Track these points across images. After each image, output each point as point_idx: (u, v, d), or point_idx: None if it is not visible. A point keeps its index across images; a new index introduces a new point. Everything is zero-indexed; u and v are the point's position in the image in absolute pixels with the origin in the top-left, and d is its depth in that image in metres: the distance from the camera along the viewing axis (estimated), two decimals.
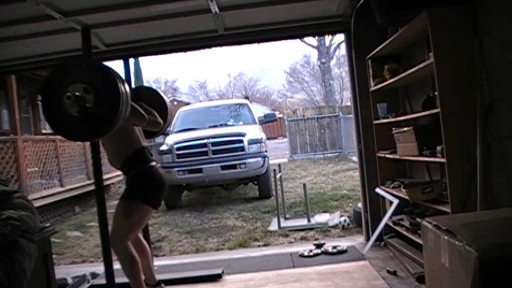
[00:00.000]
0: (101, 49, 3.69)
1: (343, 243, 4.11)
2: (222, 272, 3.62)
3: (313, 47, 21.11)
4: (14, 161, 6.77)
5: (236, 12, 3.35)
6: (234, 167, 7.25)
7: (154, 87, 3.45)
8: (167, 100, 3.51)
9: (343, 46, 6.87)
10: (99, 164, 3.09)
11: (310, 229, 5.05)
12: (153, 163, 3.03)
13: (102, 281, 3.10)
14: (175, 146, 7.42)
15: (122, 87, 2.52)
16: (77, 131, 2.59)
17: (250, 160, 7.29)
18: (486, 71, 2.48)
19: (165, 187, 3.08)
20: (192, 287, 3.40)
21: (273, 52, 49.60)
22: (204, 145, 7.35)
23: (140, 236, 3.25)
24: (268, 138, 11.92)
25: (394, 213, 3.57)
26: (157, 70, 55.25)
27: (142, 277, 2.98)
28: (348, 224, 4.96)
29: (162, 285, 3.23)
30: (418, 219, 3.16)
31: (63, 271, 3.99)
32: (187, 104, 21.86)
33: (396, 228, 3.59)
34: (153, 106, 3.18)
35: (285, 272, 3.56)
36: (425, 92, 3.27)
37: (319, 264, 3.64)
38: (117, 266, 2.90)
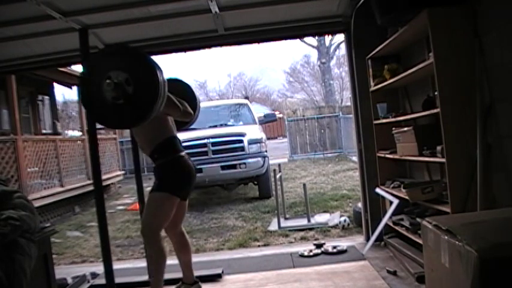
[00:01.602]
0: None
1: (343, 243, 4.11)
2: (222, 272, 3.62)
3: (313, 47, 21.13)
4: (14, 161, 6.77)
5: (236, 12, 3.35)
6: (234, 167, 7.25)
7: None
8: (196, 92, 3.51)
9: (343, 46, 6.87)
10: (99, 164, 3.09)
11: (310, 229, 5.05)
12: (183, 153, 3.02)
13: (102, 281, 3.10)
14: None
15: (161, 76, 2.53)
16: (114, 118, 2.59)
17: (250, 160, 7.29)
18: (486, 71, 2.48)
19: (194, 178, 3.07)
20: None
21: (273, 52, 49.55)
22: (204, 145, 7.35)
23: (184, 230, 3.24)
24: (268, 138, 11.91)
25: (394, 213, 3.57)
26: None
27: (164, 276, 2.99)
28: (348, 224, 4.96)
29: (199, 283, 3.24)
30: (418, 219, 3.16)
31: (63, 271, 3.99)
32: None
33: (396, 228, 3.59)
34: (184, 98, 3.18)
35: (285, 272, 3.56)
36: (425, 92, 3.27)
37: (319, 264, 3.64)
38: (116, 266, 2.90)
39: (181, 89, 3.27)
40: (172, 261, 4.35)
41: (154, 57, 2.64)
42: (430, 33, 2.58)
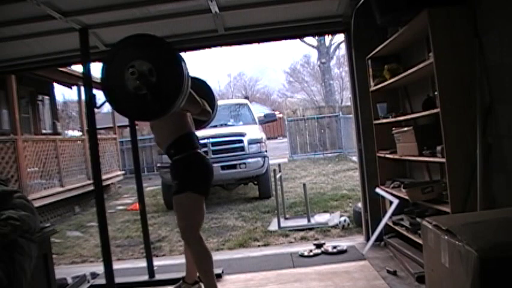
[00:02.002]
0: (100, 49, 3.69)
1: (343, 243, 4.11)
2: (222, 272, 3.62)
3: (313, 47, 21.13)
4: (14, 161, 6.77)
5: (236, 12, 3.35)
6: (234, 167, 7.24)
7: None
8: (213, 91, 3.49)
9: (343, 46, 6.87)
10: (99, 164, 3.09)
11: (310, 229, 5.05)
12: (199, 150, 2.99)
13: (102, 281, 3.10)
14: None
15: (186, 69, 2.51)
16: (136, 109, 2.55)
17: (250, 160, 7.29)
18: (486, 71, 2.48)
19: (212, 174, 3.03)
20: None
21: (273, 52, 49.66)
22: (204, 145, 7.34)
23: None
24: (268, 138, 11.91)
25: (394, 213, 3.57)
26: None
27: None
28: (348, 224, 4.96)
29: (200, 284, 3.22)
30: (418, 219, 3.16)
31: (63, 271, 3.99)
32: None
33: (396, 228, 3.59)
34: (202, 97, 3.13)
35: (285, 272, 3.56)
36: (425, 92, 3.27)
37: (319, 264, 3.64)
38: (116, 266, 2.90)
39: (200, 88, 3.20)
40: (172, 261, 4.38)
41: None
42: (430, 33, 2.58)
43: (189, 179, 2.88)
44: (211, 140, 7.35)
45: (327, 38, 19.84)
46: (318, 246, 4.10)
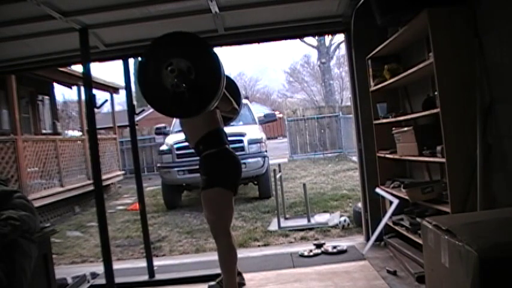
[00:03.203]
0: (100, 49, 3.69)
1: (343, 243, 4.11)
2: None
3: (313, 47, 21.13)
4: (14, 161, 6.77)
5: (236, 12, 3.35)
6: None
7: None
8: (239, 88, 3.50)
9: (343, 46, 6.88)
10: (99, 164, 3.09)
11: (310, 229, 5.05)
12: (228, 146, 3.00)
13: (102, 281, 3.10)
14: (175, 145, 7.41)
15: (223, 67, 2.51)
16: (174, 106, 2.56)
17: (250, 160, 7.28)
18: (486, 71, 2.47)
19: (241, 170, 3.04)
20: (192, 287, 3.40)
21: (273, 52, 49.66)
22: None
23: None
24: (268, 138, 11.91)
25: (394, 213, 3.57)
26: None
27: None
28: (348, 224, 4.96)
29: (243, 275, 3.24)
30: (418, 219, 3.16)
31: (63, 271, 3.99)
32: None
33: (396, 228, 3.59)
34: (230, 94, 3.13)
35: (285, 272, 3.56)
36: (425, 92, 3.27)
37: (319, 264, 3.64)
38: (116, 266, 2.90)
39: (229, 85, 3.15)
40: (172, 261, 4.38)
41: None
42: (430, 33, 2.58)
43: (218, 174, 2.88)
44: None
45: (327, 38, 19.86)
46: (318, 246, 4.10)
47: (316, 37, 18.61)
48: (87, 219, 7.40)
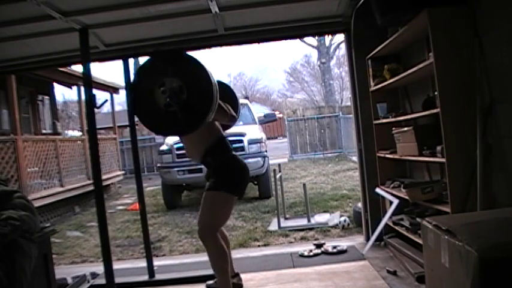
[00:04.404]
0: (100, 49, 3.69)
1: (343, 243, 4.11)
2: None
3: (313, 47, 21.15)
4: (14, 161, 6.77)
5: (236, 12, 3.35)
6: None
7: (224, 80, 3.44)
8: (236, 94, 3.48)
9: (343, 46, 6.88)
10: (99, 164, 3.09)
11: (310, 229, 5.05)
12: (233, 152, 3.01)
13: (102, 281, 3.10)
14: (175, 145, 7.41)
15: (215, 85, 2.52)
16: (166, 125, 2.59)
17: (250, 160, 7.26)
18: (486, 71, 2.48)
19: (248, 175, 3.04)
20: (192, 287, 3.40)
21: (273, 52, 49.67)
22: None
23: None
24: (268, 138, 11.92)
25: (394, 213, 3.57)
26: None
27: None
28: (348, 224, 4.96)
29: (240, 276, 3.25)
30: (418, 219, 3.16)
31: (63, 271, 3.99)
32: None
33: (396, 228, 3.59)
34: (225, 99, 3.11)
35: (285, 272, 3.56)
36: (425, 92, 3.27)
37: (319, 264, 3.64)
38: (116, 266, 2.90)
39: (223, 91, 3.13)
40: (172, 261, 4.38)
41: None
42: (430, 33, 2.58)
43: (225, 180, 2.89)
44: None
45: (327, 38, 19.88)
46: (318, 246, 4.10)
47: (316, 37, 18.63)
48: (87, 219, 7.40)
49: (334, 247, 3.97)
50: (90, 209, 8.26)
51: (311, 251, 3.98)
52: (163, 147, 7.71)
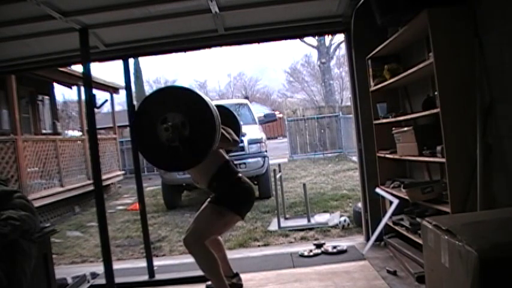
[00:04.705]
0: (100, 49, 3.69)
1: (343, 243, 4.11)
2: None
3: (313, 47, 21.14)
4: (14, 161, 6.77)
5: (236, 12, 3.35)
6: None
7: (224, 104, 3.45)
8: (237, 116, 3.48)
9: (343, 46, 6.88)
10: (99, 164, 3.09)
11: (310, 229, 5.05)
12: (240, 174, 3.01)
13: (102, 281, 3.10)
14: None
15: (217, 119, 2.54)
16: (169, 161, 2.59)
17: (250, 160, 7.29)
18: (486, 71, 2.48)
19: (254, 196, 3.07)
20: (192, 287, 3.40)
21: (273, 52, 49.66)
22: None
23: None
24: (268, 138, 11.92)
25: (394, 213, 3.57)
26: (157, 70, 55.33)
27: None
28: (348, 224, 4.96)
29: (240, 276, 3.24)
30: (418, 219, 3.16)
31: (63, 271, 3.99)
32: None
33: (396, 228, 3.59)
34: (226, 123, 3.09)
35: (285, 272, 3.56)
36: (425, 92, 3.27)
37: (319, 264, 3.64)
38: (116, 266, 2.89)
39: (223, 115, 3.06)
40: (172, 261, 4.38)
41: (154, 57, 2.65)
42: (430, 33, 2.58)
43: (230, 199, 2.89)
44: None
45: (327, 38, 19.87)
46: (318, 246, 4.10)
47: (316, 37, 18.62)
48: (87, 219, 7.40)
49: (334, 247, 3.97)
50: (90, 209, 8.26)
51: (311, 251, 3.99)
52: None
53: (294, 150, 15.14)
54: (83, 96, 5.63)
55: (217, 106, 2.91)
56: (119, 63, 3.72)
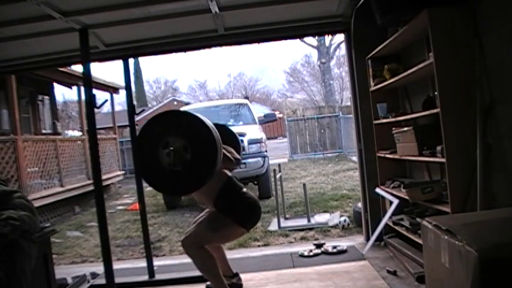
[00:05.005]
0: (100, 49, 3.69)
1: (343, 243, 4.11)
2: None
3: (313, 47, 21.14)
4: (14, 161, 6.77)
5: (236, 12, 3.35)
6: None
7: (224, 124, 3.45)
8: (237, 135, 3.46)
9: (343, 46, 6.88)
10: (99, 164, 3.09)
11: (310, 229, 5.05)
12: (244, 189, 3.00)
13: (102, 281, 3.10)
14: None
15: (219, 143, 2.54)
16: (172, 185, 2.61)
17: (250, 160, 7.28)
18: (486, 71, 2.48)
19: (260, 210, 3.05)
20: (192, 287, 3.40)
21: (273, 52, 49.70)
22: None
23: None
24: (268, 138, 11.91)
25: (394, 213, 3.57)
26: (157, 70, 55.41)
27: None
28: (348, 224, 4.96)
29: (239, 276, 3.23)
30: (418, 219, 3.16)
31: (63, 271, 3.99)
32: (187, 104, 21.87)
33: (396, 228, 3.59)
34: (226, 142, 3.06)
35: (285, 272, 3.56)
36: (425, 92, 3.27)
37: (319, 264, 3.64)
38: (116, 266, 2.89)
39: (223, 134, 2.98)
40: (172, 261, 4.38)
41: (154, 57, 2.66)
42: (430, 33, 2.58)
43: (235, 211, 2.88)
44: None
45: (327, 38, 19.86)
46: (318, 246, 4.10)
47: (316, 37, 18.61)
48: (87, 219, 7.40)
49: (334, 247, 3.97)
50: (90, 209, 8.26)
51: (311, 251, 3.99)
52: None
53: (294, 150, 15.15)
54: (83, 96, 5.63)
55: (215, 125, 2.92)
56: (119, 63, 3.73)
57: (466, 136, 2.54)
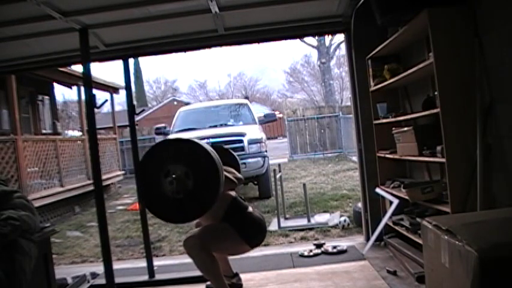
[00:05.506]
0: (100, 49, 3.69)
1: (343, 243, 4.11)
2: None
3: (313, 47, 21.13)
4: (14, 161, 6.77)
5: (236, 12, 3.35)
6: None
7: (223, 146, 3.47)
8: (236, 156, 3.47)
9: (343, 46, 6.88)
10: (99, 164, 3.09)
11: (310, 229, 5.05)
12: (250, 209, 2.99)
13: (102, 281, 3.10)
14: None
15: (221, 169, 2.55)
16: (176, 213, 2.63)
17: (250, 160, 7.28)
18: (486, 71, 2.48)
19: (266, 229, 3.05)
20: (192, 287, 3.40)
21: (273, 52, 49.76)
22: None
23: None
24: (268, 138, 11.91)
25: (394, 213, 3.57)
26: (157, 70, 55.43)
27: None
28: (348, 224, 4.96)
29: (240, 276, 3.23)
30: (418, 219, 3.16)
31: (63, 271, 3.99)
32: (187, 104, 21.87)
33: (396, 228, 3.59)
34: (227, 163, 3.05)
35: (285, 272, 3.56)
36: (425, 92, 3.27)
37: (319, 264, 3.64)
38: (116, 266, 2.89)
39: (222, 154, 2.93)
40: (172, 261, 4.38)
41: (154, 57, 2.66)
42: (430, 33, 2.58)
43: (242, 228, 2.87)
44: (211, 140, 7.33)
45: (327, 38, 19.85)
46: (318, 246, 4.10)
47: (316, 37, 18.60)
48: (87, 219, 7.40)
49: (334, 247, 3.97)
50: (90, 209, 8.26)
51: (311, 251, 3.98)
52: None
53: (294, 150, 15.15)
54: (83, 96, 5.63)
55: (212, 147, 2.91)
56: (119, 63, 3.73)
57: (466, 136, 2.54)
